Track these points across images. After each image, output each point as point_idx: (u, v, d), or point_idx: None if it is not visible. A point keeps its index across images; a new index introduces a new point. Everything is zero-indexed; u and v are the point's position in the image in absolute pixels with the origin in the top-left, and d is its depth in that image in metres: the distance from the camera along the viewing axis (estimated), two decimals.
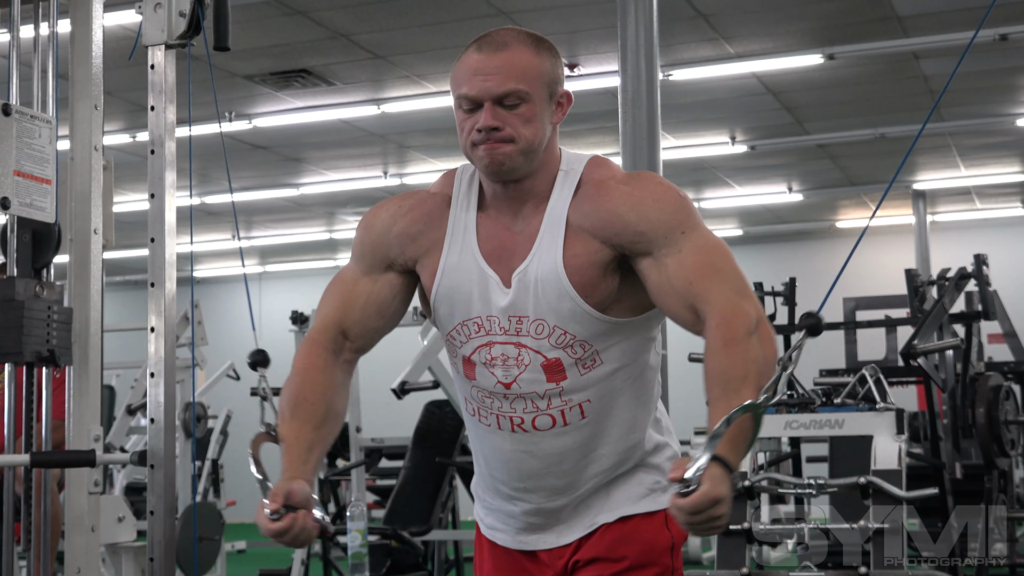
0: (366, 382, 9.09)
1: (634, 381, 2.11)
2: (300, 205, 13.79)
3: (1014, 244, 14.50)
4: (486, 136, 1.99)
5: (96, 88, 3.57)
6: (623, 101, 6.63)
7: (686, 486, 1.73)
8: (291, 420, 2.06)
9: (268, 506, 1.94)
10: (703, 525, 1.74)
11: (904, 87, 9.88)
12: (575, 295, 2.00)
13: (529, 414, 2.07)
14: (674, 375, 6.77)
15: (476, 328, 2.07)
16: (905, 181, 13.03)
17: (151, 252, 3.55)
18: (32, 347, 3.24)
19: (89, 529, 3.42)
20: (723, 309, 1.93)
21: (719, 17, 8.21)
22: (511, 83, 1.99)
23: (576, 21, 8.18)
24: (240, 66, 8.96)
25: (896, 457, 4.69)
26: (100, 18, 3.61)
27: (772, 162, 12.26)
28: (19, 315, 3.22)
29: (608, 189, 2.04)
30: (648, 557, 2.12)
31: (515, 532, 2.19)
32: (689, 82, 9.40)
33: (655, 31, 6.68)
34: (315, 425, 2.06)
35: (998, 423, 6.32)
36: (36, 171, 3.30)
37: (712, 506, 1.72)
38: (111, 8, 3.75)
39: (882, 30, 8.46)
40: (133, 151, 10.55)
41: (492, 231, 2.07)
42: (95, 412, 3.47)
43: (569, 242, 2.02)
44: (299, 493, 1.95)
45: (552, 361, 2.04)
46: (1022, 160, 12.41)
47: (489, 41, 2.03)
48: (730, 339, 1.90)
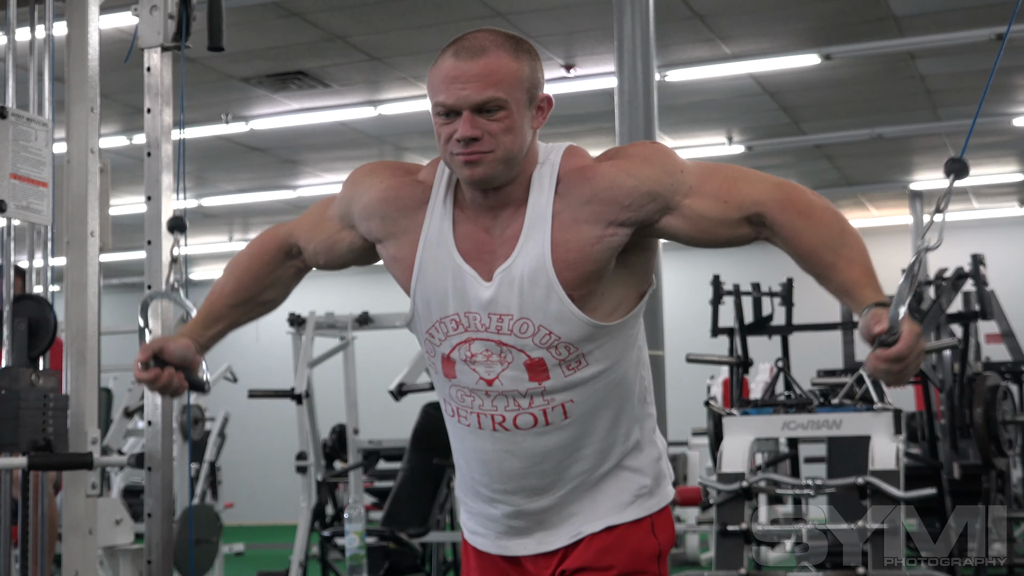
0: (363, 384, 9.11)
1: (618, 382, 2.08)
2: (297, 207, 13.79)
3: (1011, 244, 14.51)
4: (465, 146, 1.95)
5: (92, 91, 3.57)
6: (619, 102, 6.63)
7: (891, 335, 1.79)
8: (215, 290, 2.26)
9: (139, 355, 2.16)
10: (908, 371, 1.81)
11: (901, 87, 9.89)
12: (562, 293, 1.97)
13: (511, 412, 2.04)
14: (671, 376, 6.78)
15: (454, 325, 2.04)
16: (902, 181, 13.04)
17: (148, 254, 3.56)
18: (28, 437, 3.28)
19: (87, 532, 3.42)
20: (774, 196, 1.97)
21: (715, 18, 8.22)
22: (489, 91, 1.94)
23: (572, 22, 8.19)
24: (236, 68, 8.96)
25: (894, 457, 4.69)
26: (96, 21, 3.61)
27: (769, 162, 12.26)
28: (15, 406, 3.26)
29: (595, 171, 2.01)
30: (636, 565, 2.09)
31: (496, 536, 2.16)
32: (686, 83, 9.40)
33: (651, 32, 6.68)
34: (233, 303, 2.25)
35: (996, 423, 6.33)
36: (32, 174, 3.30)
37: (916, 351, 1.80)
38: (107, 11, 3.75)
39: (879, 30, 8.47)
40: (130, 153, 10.54)
41: (470, 231, 2.04)
42: (92, 415, 3.47)
43: (558, 236, 1.98)
44: (174, 350, 2.16)
45: (535, 360, 2.01)
46: (1019, 160, 12.42)
47: (466, 46, 1.96)
48: (804, 210, 1.95)
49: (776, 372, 6.58)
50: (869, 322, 1.83)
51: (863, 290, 1.88)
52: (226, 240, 15.62)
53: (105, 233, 3.61)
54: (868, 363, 1.83)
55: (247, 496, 13.94)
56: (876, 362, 1.81)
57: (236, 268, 2.26)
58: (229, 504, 10.11)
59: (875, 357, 1.81)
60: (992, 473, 6.31)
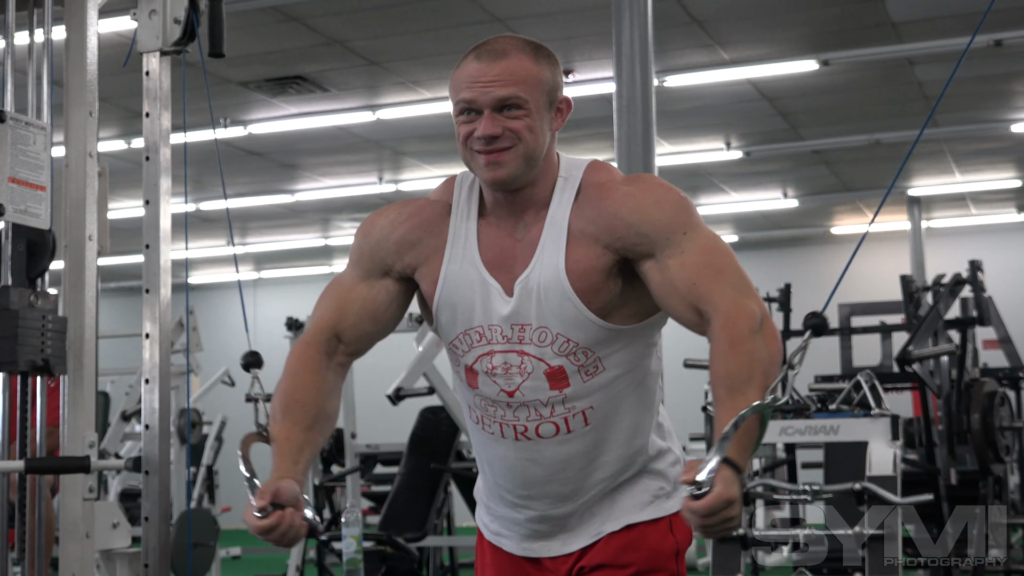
0: (361, 388, 9.09)
1: (636, 387, 2.11)
2: (295, 211, 13.79)
3: (1009, 250, 14.52)
4: (486, 144, 1.99)
5: (91, 95, 3.57)
6: (618, 107, 6.63)
7: (699, 488, 1.74)
8: (282, 421, 2.06)
9: (256, 504, 1.96)
10: (717, 527, 1.75)
11: (899, 93, 9.89)
12: (577, 301, 2.00)
13: (533, 422, 2.07)
14: (669, 382, 6.76)
15: (478, 337, 2.07)
16: (900, 187, 13.05)
17: (146, 258, 3.56)
18: (27, 356, 3.25)
19: (84, 535, 3.42)
20: (727, 309, 1.94)
21: (713, 23, 8.23)
22: (510, 89, 1.99)
23: (571, 28, 8.20)
24: (235, 72, 8.96)
25: (891, 463, 4.69)
26: (95, 25, 3.61)
27: (767, 168, 12.28)
28: (14, 325, 3.23)
29: (609, 192, 2.04)
30: (654, 563, 2.13)
31: (520, 539, 2.19)
32: (684, 88, 9.41)
33: (650, 37, 6.68)
34: (305, 426, 2.06)
35: (993, 429, 6.33)
36: (31, 178, 3.30)
37: (726, 507, 1.73)
38: (106, 15, 3.75)
39: (876, 36, 8.48)
40: (128, 158, 10.54)
41: (493, 238, 2.07)
42: (90, 418, 3.47)
43: (571, 248, 2.02)
44: (287, 492, 1.97)
45: (555, 369, 2.04)
46: (1017, 166, 12.43)
47: (488, 49, 2.03)
48: (735, 339, 1.91)
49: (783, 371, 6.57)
50: (684, 469, 1.79)
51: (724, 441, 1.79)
52: (224, 244, 15.61)
53: (103, 237, 3.61)
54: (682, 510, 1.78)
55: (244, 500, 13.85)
56: (686, 512, 1.77)
57: (292, 392, 2.09)
58: (226, 508, 10.09)
59: (683, 504, 1.77)
60: (989, 479, 6.31)
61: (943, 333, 6.89)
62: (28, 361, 3.25)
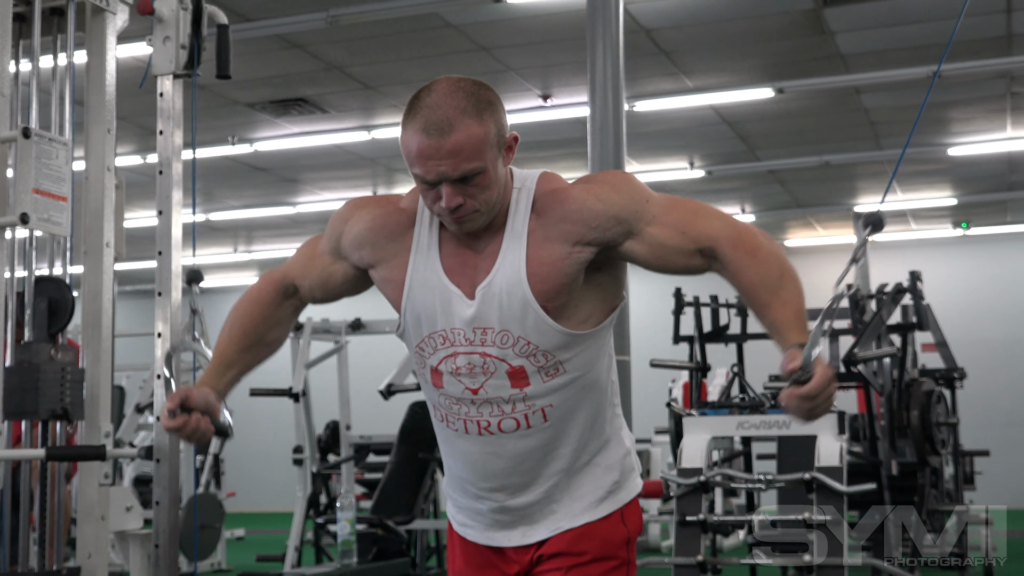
0: (355, 384, 9.09)
1: (592, 386, 2.09)
2: (296, 222, 13.76)
3: (946, 262, 14.60)
4: (451, 213, 1.93)
5: (109, 113, 3.56)
6: (592, 129, 6.64)
7: (804, 373, 1.78)
8: (223, 338, 2.19)
9: (167, 405, 2.06)
10: (822, 405, 1.80)
11: (847, 119, 9.93)
12: (536, 305, 1.97)
13: (495, 417, 2.04)
14: (636, 379, 6.78)
15: (441, 340, 2.03)
16: (847, 204, 13.11)
17: (159, 264, 3.55)
18: (47, 406, 3.27)
19: (99, 518, 3.41)
20: (727, 233, 1.96)
21: (679, 54, 8.25)
22: (465, 164, 1.89)
23: (550, 56, 8.21)
24: (242, 95, 8.95)
25: (838, 455, 4.70)
26: (114, 49, 3.60)
27: (727, 186, 12.31)
28: (35, 378, 3.25)
29: (567, 194, 2.01)
30: (607, 551, 2.11)
31: (484, 528, 2.17)
32: (652, 112, 9.43)
33: (621, 66, 6.70)
34: (242, 348, 2.18)
35: (930, 424, 6.35)
36: (53, 189, 3.28)
37: (829, 384, 1.79)
38: (124, 40, 3.74)
39: (827, 67, 8.53)
40: (143, 171, 10.51)
41: (455, 248, 2.03)
42: (106, 410, 3.46)
43: (532, 252, 1.98)
44: (196, 397, 2.07)
45: (516, 368, 2.01)
46: (953, 186, 12.49)
47: (434, 122, 1.88)
48: (751, 250, 1.95)
49: (732, 377, 6.59)
50: (785, 360, 1.84)
51: (789, 331, 1.87)
52: (231, 251, 15.57)
53: (120, 244, 3.60)
54: (782, 398, 1.82)
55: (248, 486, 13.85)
56: (789, 398, 1.80)
57: (239, 315, 2.20)
58: (231, 493, 10.04)
59: (787, 394, 1.81)
60: (927, 470, 6.33)
61: (886, 337, 6.90)
62: (48, 410, 3.28)
